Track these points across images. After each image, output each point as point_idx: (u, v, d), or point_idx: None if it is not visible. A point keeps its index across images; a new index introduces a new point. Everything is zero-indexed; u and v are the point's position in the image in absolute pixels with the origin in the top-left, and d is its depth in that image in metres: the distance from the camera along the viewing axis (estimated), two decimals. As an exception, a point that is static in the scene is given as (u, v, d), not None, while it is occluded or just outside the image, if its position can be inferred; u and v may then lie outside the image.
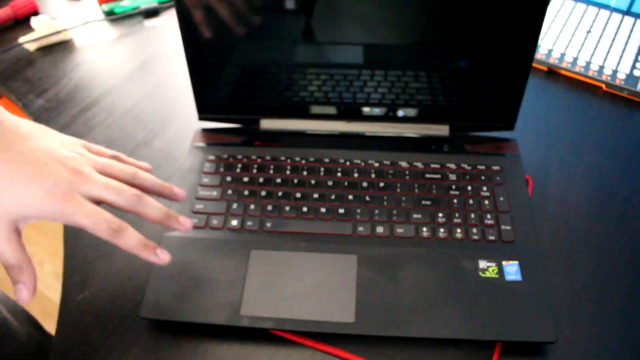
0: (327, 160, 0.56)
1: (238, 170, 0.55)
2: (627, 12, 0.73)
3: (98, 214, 0.38)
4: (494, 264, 0.47)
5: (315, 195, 0.53)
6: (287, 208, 0.52)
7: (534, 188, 0.56)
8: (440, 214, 0.51)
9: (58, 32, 0.76)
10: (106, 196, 0.39)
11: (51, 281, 1.38)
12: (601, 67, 0.67)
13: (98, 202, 0.40)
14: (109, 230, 0.38)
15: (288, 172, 0.55)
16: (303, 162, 0.56)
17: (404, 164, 0.56)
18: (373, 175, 0.54)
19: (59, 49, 0.76)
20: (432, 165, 0.55)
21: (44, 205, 0.37)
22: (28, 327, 0.60)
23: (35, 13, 0.82)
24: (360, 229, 0.50)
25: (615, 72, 0.66)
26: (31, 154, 0.37)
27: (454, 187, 0.53)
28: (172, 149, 0.61)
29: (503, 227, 0.50)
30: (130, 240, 0.40)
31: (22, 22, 0.80)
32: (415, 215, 0.51)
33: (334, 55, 0.55)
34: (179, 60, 0.73)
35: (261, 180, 0.54)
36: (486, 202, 0.52)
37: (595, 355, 0.44)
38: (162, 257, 0.41)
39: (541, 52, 0.69)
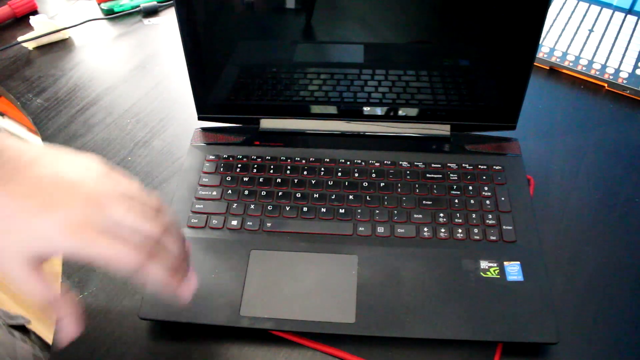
0: (327, 160, 0.56)
1: (238, 170, 0.55)
2: (630, 11, 0.73)
3: (116, 246, 0.32)
4: (495, 264, 0.47)
5: (316, 195, 0.53)
6: (287, 208, 0.52)
7: (536, 188, 0.55)
8: (441, 214, 0.51)
9: (57, 31, 0.75)
10: (127, 221, 0.33)
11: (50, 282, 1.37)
12: (603, 66, 0.66)
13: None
14: (134, 260, 0.33)
15: (288, 171, 0.55)
16: (303, 161, 0.56)
17: (404, 163, 0.55)
18: (374, 175, 0.54)
19: (58, 47, 0.76)
20: (433, 165, 0.55)
21: (56, 241, 0.32)
22: (34, 349, 0.60)
23: (34, 12, 0.82)
24: (361, 229, 0.50)
25: (617, 71, 0.66)
26: (37, 184, 0.32)
27: (455, 187, 0.53)
28: (171, 149, 0.61)
29: (504, 227, 0.50)
30: (158, 272, 0.34)
31: (20, 21, 0.80)
32: (416, 215, 0.51)
33: (335, 55, 0.54)
34: (179, 59, 0.73)
35: (261, 180, 0.54)
36: (487, 202, 0.52)
37: (596, 356, 0.44)
38: (184, 294, 0.36)
39: (543, 51, 0.69)
